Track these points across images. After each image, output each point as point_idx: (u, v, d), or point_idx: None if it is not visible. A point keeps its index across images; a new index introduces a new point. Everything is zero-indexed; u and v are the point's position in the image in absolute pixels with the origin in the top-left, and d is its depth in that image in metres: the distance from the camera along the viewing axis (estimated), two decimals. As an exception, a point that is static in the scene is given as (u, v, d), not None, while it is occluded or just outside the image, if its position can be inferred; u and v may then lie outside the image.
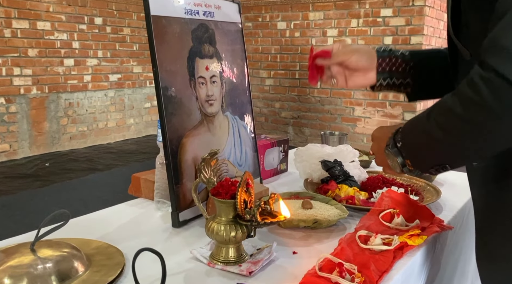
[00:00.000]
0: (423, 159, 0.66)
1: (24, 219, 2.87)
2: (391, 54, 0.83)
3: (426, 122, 0.61)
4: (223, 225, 0.70)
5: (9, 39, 4.15)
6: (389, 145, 0.69)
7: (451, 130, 0.58)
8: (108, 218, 0.90)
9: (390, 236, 0.77)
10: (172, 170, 0.85)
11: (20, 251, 0.65)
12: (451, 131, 0.58)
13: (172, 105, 0.86)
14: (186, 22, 0.89)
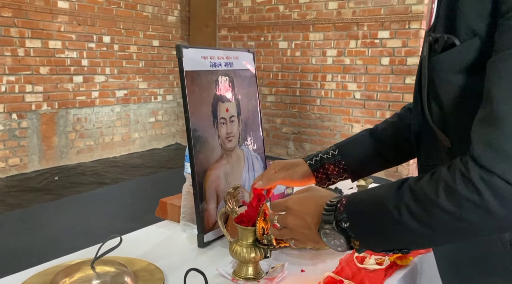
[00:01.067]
0: (380, 243, 0.61)
1: (38, 232, 3.01)
2: (322, 163, 0.90)
3: (393, 209, 0.56)
4: (244, 247, 0.86)
5: (22, 58, 4.33)
6: (330, 223, 0.63)
7: (434, 225, 0.53)
8: (142, 238, 1.05)
9: (382, 257, 0.93)
10: (198, 197, 1.01)
11: (82, 268, 0.80)
12: (432, 225, 0.53)
13: (199, 144, 1.02)
14: (211, 73, 1.06)
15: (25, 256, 2.60)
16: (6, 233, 3.00)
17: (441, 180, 0.52)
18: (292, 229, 0.71)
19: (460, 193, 0.50)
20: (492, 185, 0.47)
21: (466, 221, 0.50)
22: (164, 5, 5.75)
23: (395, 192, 0.56)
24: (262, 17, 5.26)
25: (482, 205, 0.48)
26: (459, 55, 0.54)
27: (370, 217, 0.59)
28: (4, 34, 4.17)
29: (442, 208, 0.51)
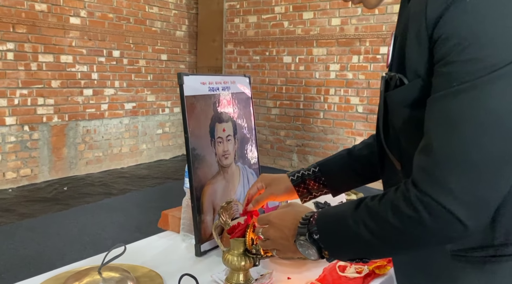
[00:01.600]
0: (344, 253, 0.69)
1: (47, 242, 3.12)
2: (304, 179, 0.98)
3: (353, 224, 0.64)
4: (235, 256, 0.95)
5: (35, 72, 4.49)
6: (304, 234, 0.70)
7: (383, 237, 0.61)
8: (145, 247, 1.15)
9: (361, 266, 1.02)
10: (196, 210, 1.11)
11: (90, 273, 0.90)
12: (382, 237, 0.62)
13: (198, 161, 1.12)
14: (209, 97, 1.17)
15: (35, 263, 2.71)
16: (17, 241, 3.11)
17: (389, 200, 0.60)
18: (273, 240, 0.80)
19: (402, 211, 0.58)
20: (427, 204, 0.55)
21: (408, 234, 0.59)
22: (172, 21, 5.92)
23: (354, 209, 0.65)
24: (267, 32, 5.39)
25: (420, 221, 0.56)
26: (407, 92, 0.63)
27: (335, 230, 0.68)
28: (19, 49, 4.34)
29: (389, 223, 0.59)
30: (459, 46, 0.54)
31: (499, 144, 0.53)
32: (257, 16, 5.45)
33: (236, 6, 5.66)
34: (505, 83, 0.52)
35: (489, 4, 0.53)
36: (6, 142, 4.33)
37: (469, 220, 0.54)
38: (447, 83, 0.55)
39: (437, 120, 0.57)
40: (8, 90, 4.30)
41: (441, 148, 0.55)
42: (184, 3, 6.07)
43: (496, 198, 0.56)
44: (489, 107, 0.53)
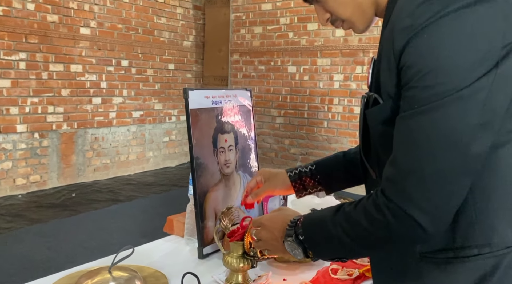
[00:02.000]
0: (325, 252, 0.77)
1: (56, 246, 3.21)
2: (300, 176, 1.06)
3: (332, 227, 0.71)
4: (234, 258, 1.03)
5: (46, 81, 4.62)
6: (291, 236, 0.78)
7: (356, 238, 0.69)
8: (152, 250, 1.23)
9: (353, 270, 1.09)
10: (199, 215, 1.18)
11: (101, 272, 0.98)
12: (356, 239, 0.69)
13: (201, 169, 1.20)
14: (212, 110, 1.25)
15: (44, 267, 2.79)
16: (27, 246, 3.20)
17: (363, 205, 0.69)
18: (265, 241, 0.87)
19: (372, 215, 0.66)
20: (392, 210, 0.63)
21: (376, 236, 0.67)
22: (180, 31, 6.05)
23: (334, 214, 0.73)
24: (273, 43, 5.50)
25: (386, 224, 0.64)
26: (381, 111, 0.70)
27: (317, 232, 0.76)
28: (30, 59, 4.47)
29: (362, 226, 0.67)
30: (419, 74, 0.61)
31: (452, 159, 0.60)
32: (263, 27, 5.57)
33: (242, 17, 5.77)
34: (456, 106, 0.59)
35: (442, 39, 0.60)
36: (17, 148, 4.45)
37: (428, 225, 0.61)
38: (409, 105, 0.63)
39: (400, 137, 0.64)
40: (19, 98, 4.42)
41: (403, 161, 0.63)
42: (191, 14, 6.21)
43: (452, 206, 0.62)
44: (442, 127, 0.60)
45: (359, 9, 0.76)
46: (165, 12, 5.81)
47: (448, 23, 0.60)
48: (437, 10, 0.60)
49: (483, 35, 0.60)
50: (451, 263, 0.67)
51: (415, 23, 0.62)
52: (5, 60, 4.27)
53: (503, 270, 0.64)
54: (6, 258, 2.97)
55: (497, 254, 0.65)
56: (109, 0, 5.14)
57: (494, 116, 0.61)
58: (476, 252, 0.65)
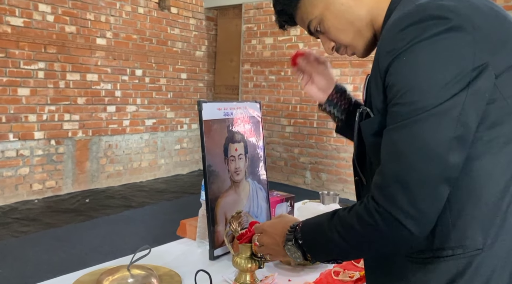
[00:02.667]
0: (322, 254, 0.83)
1: (71, 250, 3.31)
2: (343, 92, 1.07)
3: (328, 230, 0.77)
4: (243, 259, 1.10)
5: (63, 90, 4.78)
6: (291, 240, 0.84)
7: (350, 240, 0.75)
8: (166, 251, 1.31)
9: (354, 272, 1.16)
10: (210, 219, 1.27)
11: (120, 270, 1.07)
12: (349, 241, 0.75)
13: (213, 177, 1.29)
14: (224, 121, 1.34)
15: (60, 269, 2.87)
16: (43, 249, 3.31)
17: (355, 210, 0.75)
18: (267, 246, 0.94)
19: (364, 219, 0.72)
20: (381, 214, 0.69)
21: (367, 238, 0.73)
22: (192, 41, 6.19)
23: (330, 219, 0.79)
24: (283, 53, 5.60)
25: (376, 227, 0.70)
26: (372, 124, 0.77)
27: (314, 236, 0.82)
28: (49, 68, 4.63)
29: (354, 229, 0.74)
30: (399, 92, 0.69)
31: (431, 169, 0.67)
32: (273, 37, 5.68)
33: (254, 28, 5.90)
34: (432, 121, 0.66)
35: (419, 61, 0.68)
36: (34, 155, 4.59)
37: (413, 227, 0.68)
38: (393, 120, 0.70)
39: (386, 148, 0.71)
40: (37, 106, 4.58)
41: (389, 170, 0.70)
42: (204, 25, 6.35)
43: (434, 211, 0.69)
44: (421, 139, 0.67)
45: (358, 33, 0.84)
46: (178, 23, 5.96)
47: (424, 48, 0.68)
48: (414, 36, 0.68)
49: (455, 58, 0.67)
50: (429, 263, 0.74)
51: (396, 46, 0.70)
52: (25, 69, 4.43)
53: (473, 269, 0.71)
54: (24, 261, 3.09)
55: (468, 255, 0.71)
56: (125, 12, 5.30)
57: (467, 130, 0.68)
58: (451, 253, 0.72)
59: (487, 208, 0.71)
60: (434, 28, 0.67)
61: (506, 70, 0.70)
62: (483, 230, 0.71)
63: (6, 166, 4.38)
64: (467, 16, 0.68)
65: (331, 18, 0.84)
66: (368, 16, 0.82)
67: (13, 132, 4.41)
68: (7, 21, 4.28)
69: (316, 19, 0.85)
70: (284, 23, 0.92)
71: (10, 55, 4.31)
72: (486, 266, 0.71)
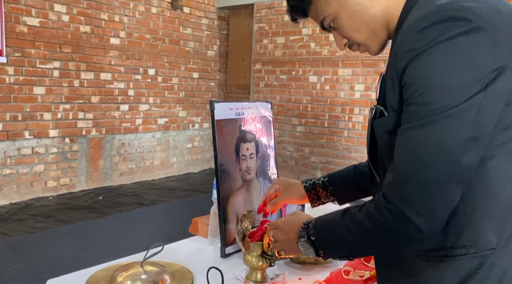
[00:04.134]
0: (333, 251, 0.86)
1: (85, 246, 3.37)
2: (314, 187, 1.17)
3: (340, 227, 0.80)
4: (254, 257, 1.12)
5: (77, 88, 4.85)
6: (304, 237, 0.87)
7: (360, 237, 0.77)
8: (179, 249, 1.34)
9: (364, 272, 1.17)
10: (222, 218, 1.29)
11: (134, 266, 1.09)
12: (360, 238, 0.77)
13: (224, 175, 1.31)
14: (236, 121, 1.36)
15: (74, 265, 2.95)
16: (57, 245, 3.37)
17: (366, 208, 0.77)
18: (281, 242, 0.98)
19: (374, 216, 0.74)
20: (392, 212, 0.71)
21: (378, 235, 0.75)
22: (204, 41, 6.23)
23: (341, 216, 0.81)
24: (294, 53, 5.61)
25: (386, 224, 0.72)
26: (386, 122, 0.78)
27: (327, 233, 0.85)
28: (64, 68, 4.71)
29: (365, 226, 0.76)
30: (416, 92, 0.70)
31: (444, 168, 0.67)
32: (285, 37, 5.68)
33: (265, 28, 5.91)
34: (448, 122, 0.67)
35: (438, 62, 0.68)
36: (49, 152, 4.67)
37: (424, 226, 0.69)
38: (409, 119, 0.71)
39: (400, 147, 0.72)
40: (52, 105, 4.66)
41: (402, 168, 0.71)
42: (216, 25, 6.38)
43: (445, 211, 0.70)
44: (436, 139, 0.68)
45: (373, 33, 0.84)
46: (190, 23, 6.00)
47: (444, 49, 0.68)
48: (435, 37, 0.68)
49: (474, 60, 0.67)
50: (442, 261, 0.75)
51: (415, 47, 0.70)
52: (40, 68, 4.51)
53: (486, 268, 0.72)
54: (39, 256, 3.15)
55: (481, 255, 0.72)
56: (138, 12, 5.36)
57: (483, 132, 0.68)
58: (464, 252, 0.73)
59: (501, 208, 0.72)
60: (454, 30, 0.68)
61: None
62: (497, 230, 0.72)
63: (22, 163, 4.46)
64: (487, 17, 0.68)
65: (345, 17, 0.83)
66: (384, 16, 0.82)
67: (28, 130, 4.49)
68: (24, 21, 4.36)
69: (330, 17, 0.85)
70: (296, 17, 0.93)
71: (26, 55, 4.39)
72: (499, 266, 0.71)
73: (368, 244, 0.79)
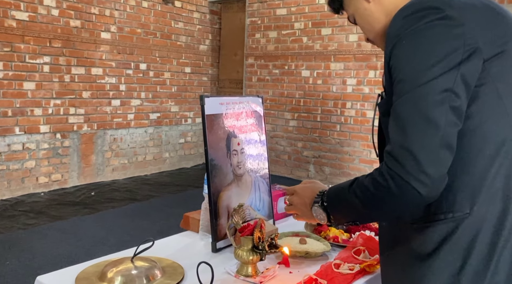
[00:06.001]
0: (342, 216, 0.96)
1: (77, 242, 3.36)
2: None
3: (348, 193, 0.89)
4: (245, 252, 1.12)
5: (68, 84, 4.81)
6: (318, 203, 0.99)
7: (365, 201, 0.86)
8: (170, 244, 1.34)
9: (354, 265, 1.17)
10: (213, 213, 1.29)
11: (124, 262, 1.09)
12: (365, 202, 0.86)
13: (215, 170, 1.30)
14: (227, 115, 1.35)
15: (66, 261, 2.94)
16: (49, 241, 3.36)
17: (371, 175, 0.85)
18: (295, 206, 1.11)
19: (378, 181, 0.82)
20: (392, 176, 0.79)
21: (380, 199, 0.83)
22: (196, 35, 6.19)
23: (351, 184, 0.90)
24: (287, 47, 5.59)
25: (388, 188, 0.80)
26: (383, 104, 0.90)
27: (337, 199, 0.96)
28: (54, 63, 4.66)
29: (369, 191, 0.84)
30: (401, 70, 0.82)
31: (432, 135, 0.76)
32: (277, 31, 5.67)
33: (258, 22, 5.89)
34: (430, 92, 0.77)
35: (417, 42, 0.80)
36: (40, 148, 4.64)
37: (422, 189, 0.77)
38: (396, 96, 0.82)
39: (392, 121, 0.82)
40: (43, 100, 4.61)
41: (395, 139, 0.80)
42: (208, 19, 6.35)
43: (440, 174, 0.77)
44: (421, 109, 0.77)
45: (377, 34, 0.98)
46: (182, 17, 5.96)
47: (421, 32, 0.80)
48: (413, 23, 0.81)
49: (448, 40, 0.79)
50: (426, 227, 0.86)
51: (398, 33, 0.83)
52: (30, 63, 4.46)
53: (461, 230, 0.82)
54: (30, 252, 3.13)
55: (457, 218, 0.83)
56: (129, 6, 5.31)
57: (460, 102, 0.78)
58: (443, 217, 0.84)
59: (474, 179, 0.82)
60: (430, 17, 0.80)
61: (495, 57, 0.81)
62: (470, 198, 0.82)
63: (12, 159, 4.42)
64: (459, 8, 0.81)
65: (358, 18, 1.00)
66: (386, 19, 0.94)
67: (19, 126, 4.45)
68: (12, 16, 4.30)
69: (351, 16, 1.02)
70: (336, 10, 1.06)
71: (15, 49, 4.34)
72: (472, 228, 0.82)
73: (372, 208, 0.87)
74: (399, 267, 0.91)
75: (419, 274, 0.86)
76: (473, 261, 0.81)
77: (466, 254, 0.81)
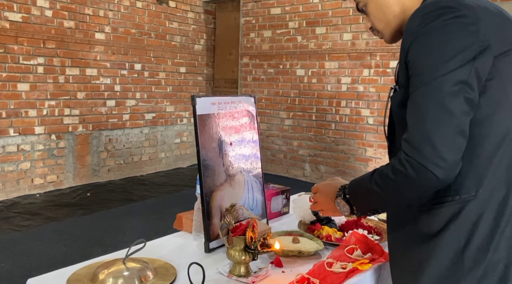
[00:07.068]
0: (364, 205, 1.01)
1: (73, 244, 3.35)
2: None
3: (369, 183, 0.94)
4: (237, 251, 1.13)
5: (62, 84, 4.79)
6: (340, 196, 1.05)
7: (385, 188, 0.91)
8: (163, 244, 1.33)
9: (347, 263, 1.18)
10: (206, 213, 1.29)
11: (116, 263, 1.09)
12: (385, 189, 0.91)
13: (207, 170, 1.31)
14: (219, 115, 1.35)
15: (62, 263, 2.90)
16: (45, 243, 3.34)
17: (390, 163, 0.90)
18: (320, 203, 1.15)
19: (396, 168, 0.87)
20: (410, 163, 0.84)
21: (399, 185, 0.88)
22: (191, 35, 6.18)
23: (371, 174, 0.95)
24: (282, 46, 5.60)
25: (406, 174, 0.85)
26: (398, 97, 0.94)
27: (359, 190, 1.02)
28: (48, 63, 4.64)
29: (389, 178, 0.89)
30: (419, 64, 0.87)
31: (448, 122, 0.81)
32: (272, 31, 5.67)
33: (252, 21, 5.88)
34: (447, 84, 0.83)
35: (433, 39, 0.86)
36: (35, 149, 4.62)
37: (439, 173, 0.82)
38: (414, 87, 0.87)
39: (410, 110, 0.87)
40: (37, 101, 4.59)
41: (413, 126, 0.85)
42: (202, 19, 6.34)
43: (455, 158, 0.82)
44: (438, 98, 0.83)
45: (389, 25, 1.03)
46: (176, 17, 5.95)
47: (437, 29, 0.86)
48: (430, 21, 0.87)
49: (463, 36, 0.84)
50: (433, 209, 0.91)
51: (416, 30, 0.88)
52: (24, 64, 4.44)
53: (467, 211, 0.88)
54: (26, 254, 3.12)
55: (463, 200, 0.88)
56: (123, 6, 5.30)
57: (473, 94, 0.84)
58: (450, 199, 0.89)
59: (480, 163, 0.87)
60: (447, 15, 0.86)
61: (504, 54, 0.87)
62: (476, 181, 0.87)
63: (7, 160, 4.40)
64: (472, 9, 0.86)
65: (372, 6, 1.03)
66: (402, 14, 0.99)
67: (13, 128, 4.43)
68: (6, 17, 4.28)
69: (362, 2, 1.04)
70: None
71: (9, 51, 4.32)
72: (477, 209, 0.87)
73: (392, 194, 0.92)
74: (407, 246, 0.97)
75: (426, 252, 0.91)
76: (477, 239, 0.87)
77: (470, 233, 0.87)
